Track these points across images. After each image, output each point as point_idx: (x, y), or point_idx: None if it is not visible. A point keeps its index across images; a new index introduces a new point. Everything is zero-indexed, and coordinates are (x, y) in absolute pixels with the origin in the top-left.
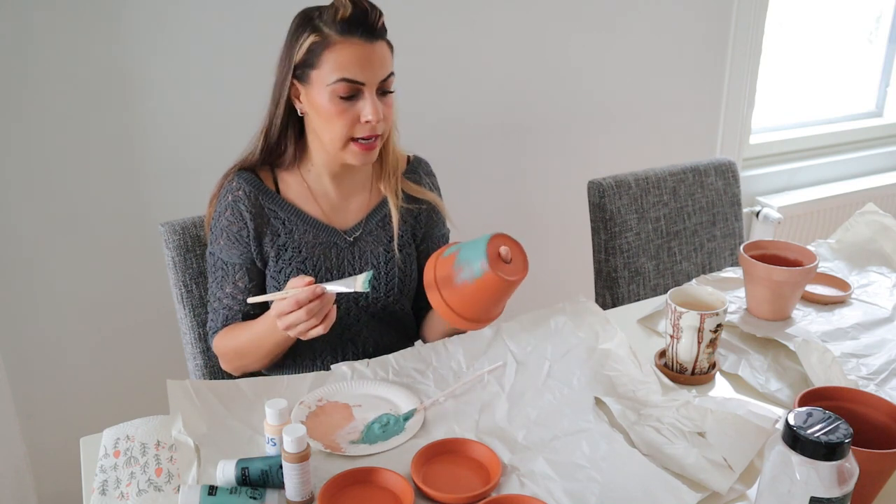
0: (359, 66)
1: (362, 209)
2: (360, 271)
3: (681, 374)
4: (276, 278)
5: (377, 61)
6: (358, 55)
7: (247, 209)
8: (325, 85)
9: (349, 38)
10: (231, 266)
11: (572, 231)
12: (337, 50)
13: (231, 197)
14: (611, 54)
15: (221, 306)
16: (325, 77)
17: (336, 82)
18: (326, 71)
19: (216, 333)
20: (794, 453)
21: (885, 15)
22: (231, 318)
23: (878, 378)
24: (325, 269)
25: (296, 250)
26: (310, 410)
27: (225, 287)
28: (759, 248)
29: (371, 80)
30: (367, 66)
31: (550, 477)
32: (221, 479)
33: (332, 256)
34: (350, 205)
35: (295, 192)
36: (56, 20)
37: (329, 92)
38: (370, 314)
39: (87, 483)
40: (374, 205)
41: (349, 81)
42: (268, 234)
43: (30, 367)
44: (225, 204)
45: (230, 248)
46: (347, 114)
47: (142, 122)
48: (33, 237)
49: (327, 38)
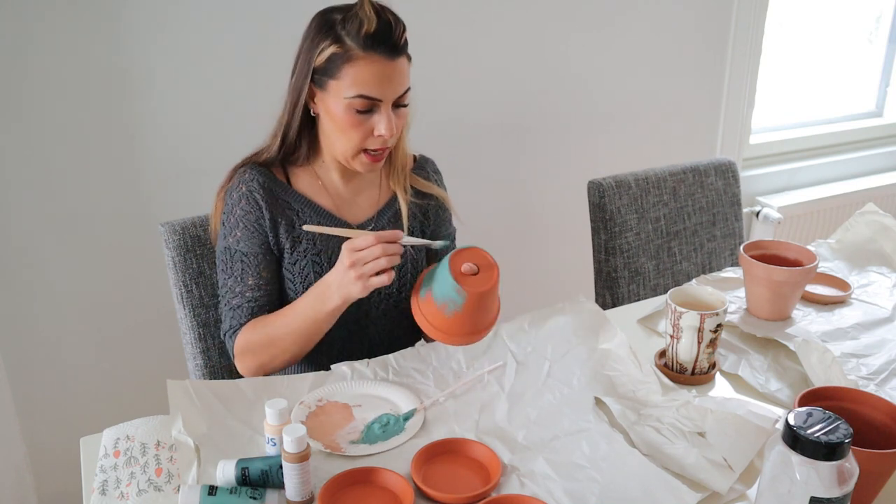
0: (378, 84)
1: (372, 205)
2: None
3: (681, 374)
4: (290, 270)
5: (397, 78)
6: (379, 73)
7: (262, 197)
8: (342, 97)
9: (371, 54)
10: (253, 256)
11: (572, 231)
12: (358, 66)
13: (245, 188)
14: (611, 54)
15: (244, 300)
16: (343, 90)
17: (354, 97)
18: (345, 84)
19: (237, 332)
20: (794, 453)
21: (885, 15)
22: (257, 312)
23: (878, 378)
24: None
25: (310, 242)
26: (310, 410)
27: (247, 279)
28: (759, 248)
29: (388, 97)
30: (387, 83)
31: (550, 477)
32: (221, 479)
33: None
34: (360, 200)
35: (307, 184)
36: (56, 20)
37: (346, 104)
38: (382, 310)
39: (87, 483)
40: (384, 201)
41: (367, 98)
42: (283, 225)
43: (30, 367)
44: (238, 195)
45: (249, 237)
46: (362, 126)
47: (142, 122)
48: (33, 237)
49: (349, 51)
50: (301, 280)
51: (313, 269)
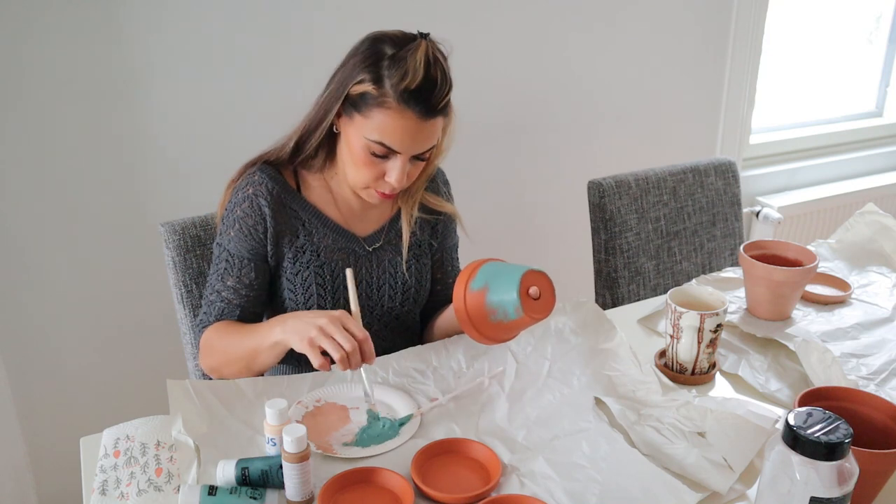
0: (401, 139)
1: (382, 218)
2: (377, 281)
3: (681, 374)
4: (291, 280)
5: (423, 137)
6: (406, 129)
7: (267, 204)
8: (363, 135)
9: (405, 109)
10: (238, 259)
11: (572, 231)
12: (388, 115)
13: (252, 189)
14: (611, 54)
15: (219, 298)
16: (366, 129)
17: (374, 142)
18: (370, 126)
19: (207, 326)
20: (794, 453)
21: (885, 15)
22: (227, 313)
23: (878, 378)
24: (342, 275)
25: (314, 253)
26: (307, 410)
27: (227, 280)
28: (759, 248)
29: (408, 152)
30: (410, 140)
31: (550, 477)
32: (221, 479)
33: (350, 263)
34: (370, 214)
35: (317, 193)
36: (56, 20)
37: (364, 143)
38: (383, 323)
39: (87, 483)
40: (393, 215)
41: (386, 147)
42: (287, 234)
43: (30, 367)
44: (243, 195)
45: (240, 240)
46: (375, 168)
47: (142, 122)
48: (34, 237)
49: (384, 97)
50: (303, 291)
51: (315, 281)
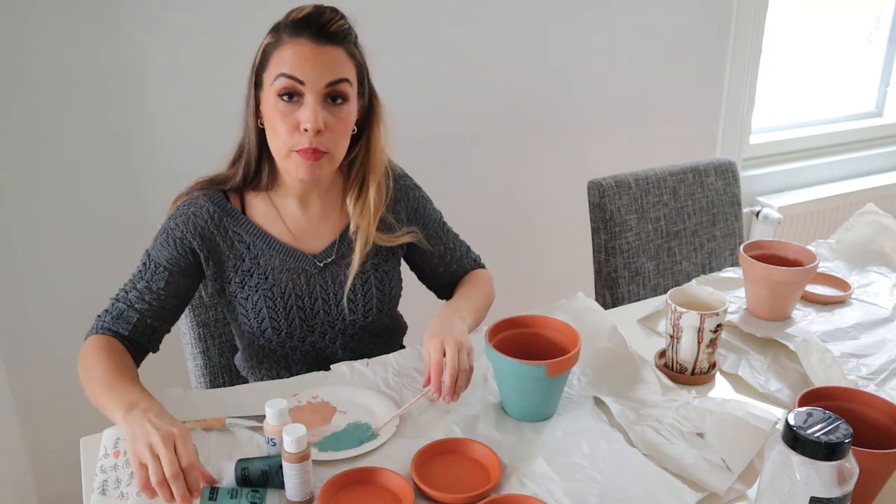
0: (300, 64)
1: (334, 230)
2: (334, 296)
3: (681, 374)
4: (244, 305)
5: (323, 63)
6: (301, 54)
7: (205, 231)
8: (269, 85)
9: (297, 38)
10: (154, 264)
11: (572, 231)
12: (285, 48)
13: (192, 209)
14: (611, 54)
15: (123, 300)
16: (270, 77)
17: (276, 78)
18: (272, 70)
19: (99, 330)
20: (794, 453)
21: (885, 15)
22: (125, 316)
23: (878, 378)
24: (294, 295)
25: (261, 276)
26: (298, 404)
27: (138, 283)
28: (759, 248)
29: (313, 82)
30: (309, 66)
31: (550, 477)
32: (221, 479)
33: (301, 283)
34: (320, 228)
35: (261, 213)
36: (55, 20)
37: (273, 93)
38: (349, 336)
39: (87, 483)
40: (344, 227)
41: (288, 77)
42: (231, 259)
43: (30, 367)
44: (183, 211)
45: (163, 247)
46: (288, 119)
47: (141, 122)
48: (33, 238)
49: (280, 38)
50: (255, 315)
51: (266, 304)
